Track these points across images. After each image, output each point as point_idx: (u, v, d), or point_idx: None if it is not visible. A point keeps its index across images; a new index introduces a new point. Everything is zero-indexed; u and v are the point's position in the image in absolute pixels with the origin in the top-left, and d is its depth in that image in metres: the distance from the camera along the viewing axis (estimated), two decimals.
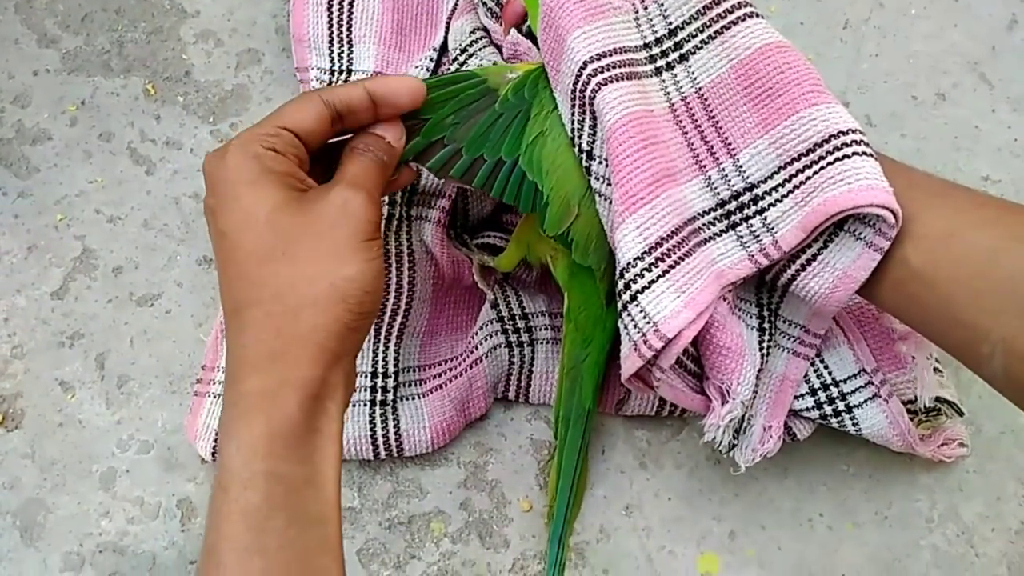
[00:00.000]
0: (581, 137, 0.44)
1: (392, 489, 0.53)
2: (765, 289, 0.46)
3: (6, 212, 0.57)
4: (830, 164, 0.39)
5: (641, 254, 0.41)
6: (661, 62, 0.44)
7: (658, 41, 0.44)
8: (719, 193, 0.43)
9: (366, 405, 0.51)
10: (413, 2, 0.58)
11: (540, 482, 0.53)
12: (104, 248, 0.56)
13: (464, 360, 0.53)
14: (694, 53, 0.43)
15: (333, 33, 0.58)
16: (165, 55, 0.60)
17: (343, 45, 0.58)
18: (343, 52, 0.58)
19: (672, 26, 0.44)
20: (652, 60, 0.44)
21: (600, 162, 0.43)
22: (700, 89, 0.43)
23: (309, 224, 0.36)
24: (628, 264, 0.41)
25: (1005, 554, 0.52)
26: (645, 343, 0.41)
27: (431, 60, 0.56)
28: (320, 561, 0.34)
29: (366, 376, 0.51)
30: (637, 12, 0.45)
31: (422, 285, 0.53)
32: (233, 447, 0.34)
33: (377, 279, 0.37)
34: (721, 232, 0.43)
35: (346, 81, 0.57)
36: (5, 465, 0.53)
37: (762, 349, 0.46)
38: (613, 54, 0.43)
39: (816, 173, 0.40)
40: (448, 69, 0.55)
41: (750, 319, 0.46)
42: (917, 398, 0.49)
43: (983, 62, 0.59)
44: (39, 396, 0.54)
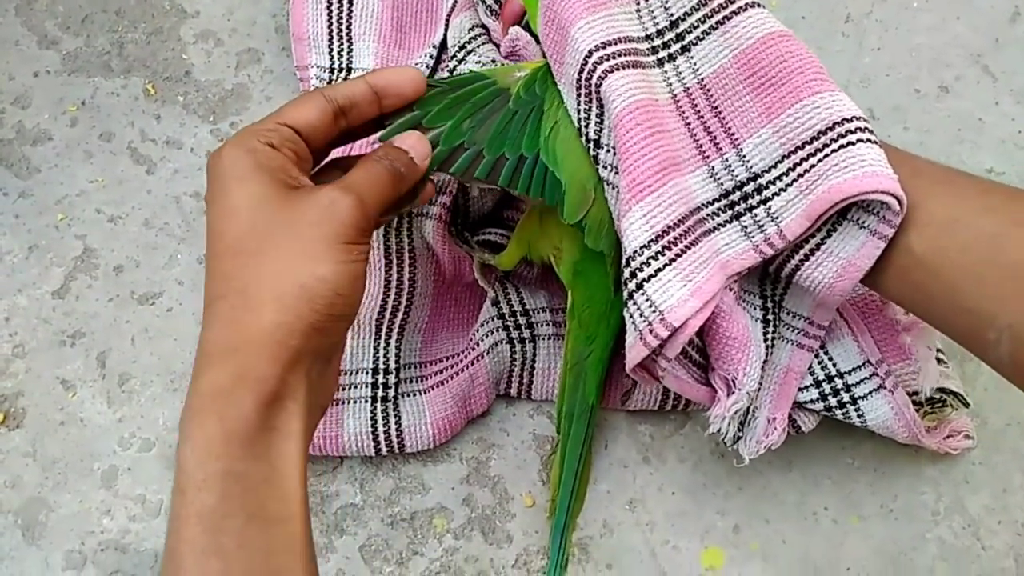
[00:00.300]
0: (588, 126, 0.44)
1: (394, 485, 0.53)
2: (769, 281, 0.46)
3: (7, 212, 0.57)
4: (834, 152, 0.39)
5: (647, 242, 0.41)
6: (663, 53, 0.44)
7: (660, 32, 0.44)
8: (723, 183, 0.42)
9: (367, 402, 0.51)
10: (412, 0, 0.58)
11: (543, 478, 0.53)
12: (105, 247, 0.56)
13: (465, 357, 0.53)
14: (696, 44, 0.43)
15: (333, 31, 0.58)
16: (165, 55, 0.60)
17: (343, 43, 0.58)
18: (343, 50, 0.58)
19: (673, 17, 0.44)
20: (654, 51, 0.44)
21: (608, 150, 0.43)
22: (702, 80, 0.43)
23: (289, 220, 0.35)
24: (634, 252, 0.41)
25: (1012, 547, 0.51)
26: (651, 332, 0.41)
27: (431, 57, 0.56)
28: (283, 559, 0.33)
29: (367, 373, 0.51)
30: (639, 4, 0.45)
31: (423, 282, 0.52)
32: (188, 448, 0.33)
33: (352, 283, 0.36)
34: (725, 222, 0.42)
35: (346, 79, 0.57)
36: (7, 464, 0.53)
37: (766, 341, 0.46)
38: (617, 43, 0.43)
39: (820, 161, 0.39)
40: (447, 66, 0.55)
41: (754, 311, 0.46)
42: (932, 386, 0.48)
43: (986, 54, 0.59)
44: (40, 395, 0.54)
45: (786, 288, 0.46)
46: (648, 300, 0.41)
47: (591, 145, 0.44)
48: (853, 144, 0.39)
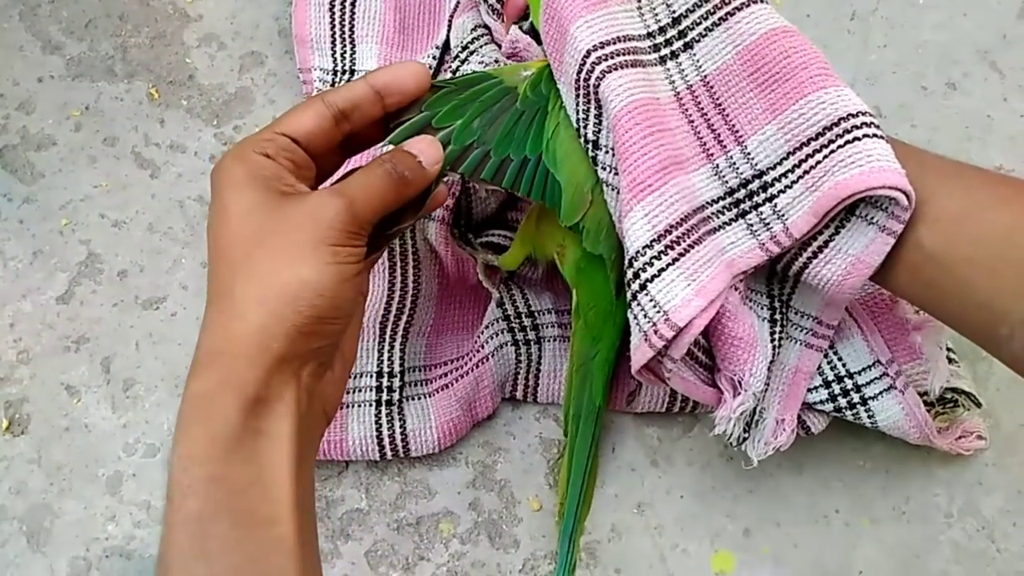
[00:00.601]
0: (587, 127, 0.43)
1: (400, 490, 0.52)
2: (776, 280, 0.46)
3: (11, 218, 0.57)
4: (840, 147, 0.39)
5: (650, 242, 0.40)
6: (665, 51, 0.44)
7: (662, 30, 0.44)
8: (727, 181, 0.42)
9: (371, 405, 0.51)
10: (415, 1, 0.58)
11: (550, 481, 0.53)
12: (109, 252, 0.56)
13: (470, 359, 0.52)
14: (698, 41, 0.43)
15: (336, 33, 0.57)
16: (168, 59, 0.59)
17: (345, 45, 0.57)
18: (346, 52, 0.57)
19: (676, 14, 0.44)
20: (656, 49, 0.44)
21: (606, 151, 0.43)
22: (706, 77, 0.43)
23: (277, 225, 0.35)
24: (637, 252, 0.41)
25: None
26: (656, 333, 0.40)
27: (433, 58, 0.56)
28: (274, 562, 0.33)
29: (371, 376, 0.51)
30: (640, 1, 0.45)
31: (427, 284, 0.52)
32: (175, 455, 0.33)
33: (338, 284, 0.35)
34: (731, 221, 0.42)
35: (349, 81, 0.57)
36: (11, 470, 0.52)
37: (774, 341, 0.45)
38: (616, 42, 0.43)
39: (826, 157, 0.39)
40: (450, 67, 0.55)
41: (761, 311, 0.45)
42: (941, 385, 0.48)
43: (993, 51, 0.58)
44: (45, 401, 0.54)
45: (794, 287, 0.45)
46: (652, 300, 0.40)
47: (590, 146, 0.43)
48: (859, 139, 0.38)
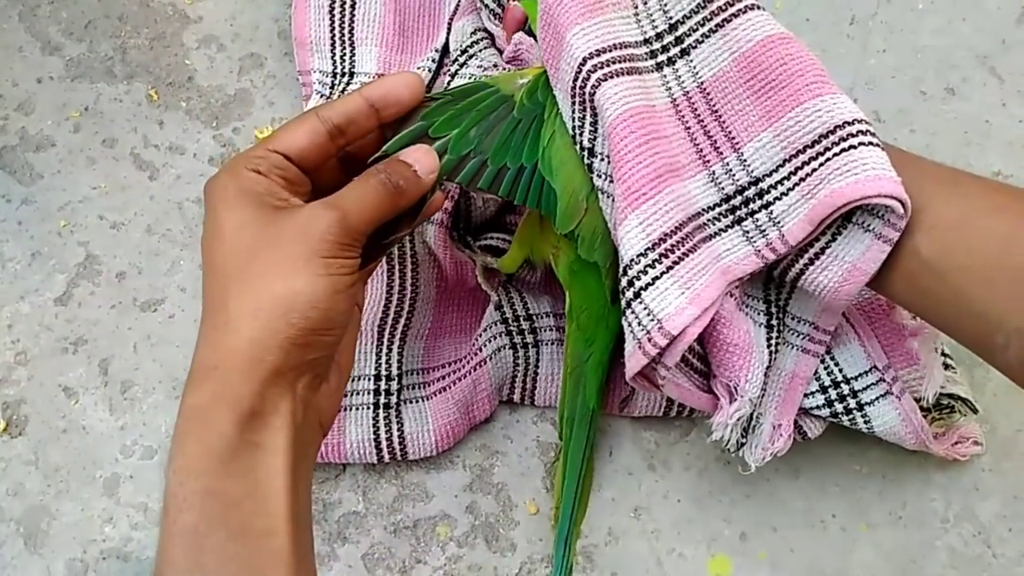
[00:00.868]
0: (582, 134, 0.43)
1: (397, 493, 0.52)
2: (773, 285, 0.46)
3: (10, 219, 0.57)
4: (836, 155, 0.39)
5: (644, 250, 0.40)
6: (662, 57, 0.44)
7: (659, 36, 0.44)
8: (723, 188, 0.42)
9: (369, 408, 0.51)
10: (415, 4, 0.58)
11: (547, 485, 0.53)
12: (107, 254, 0.56)
13: (468, 363, 0.52)
14: (695, 47, 0.43)
15: (335, 36, 0.57)
16: (168, 61, 0.60)
17: (345, 48, 0.57)
18: (345, 55, 0.57)
19: (672, 20, 0.44)
20: (653, 55, 0.44)
21: (602, 159, 0.43)
22: (702, 83, 0.43)
23: (270, 239, 0.35)
24: (631, 261, 0.41)
25: (1023, 554, 0.50)
26: (649, 341, 0.40)
27: (433, 61, 0.56)
28: (270, 574, 0.33)
29: (369, 379, 0.51)
30: (637, 7, 0.45)
31: (425, 287, 0.52)
32: (171, 468, 0.33)
33: (331, 296, 0.35)
34: (726, 227, 0.42)
35: (348, 83, 0.57)
36: (9, 472, 0.53)
37: (770, 346, 0.45)
38: (612, 49, 0.43)
39: (822, 165, 0.39)
40: (449, 70, 0.55)
41: (758, 316, 0.45)
42: (935, 392, 0.48)
43: (992, 56, 0.58)
44: (43, 402, 0.54)
45: (791, 293, 0.45)
46: (646, 308, 0.40)
47: (585, 153, 0.43)
48: (855, 147, 0.38)
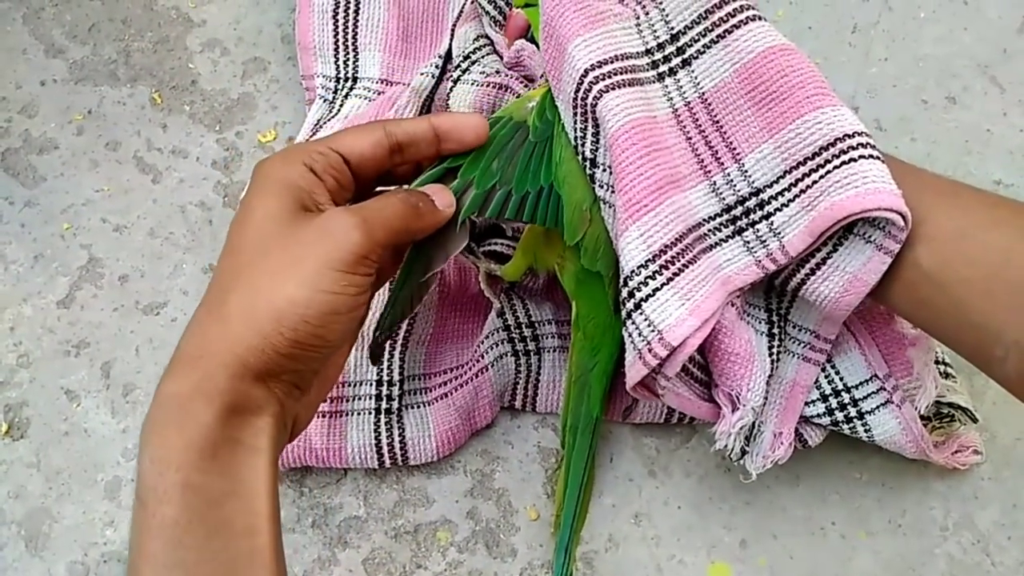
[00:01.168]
0: (584, 145, 0.43)
1: (398, 498, 0.52)
2: (774, 294, 0.46)
3: (13, 221, 0.57)
4: (836, 168, 0.39)
5: (645, 262, 0.41)
6: (664, 67, 0.44)
7: (660, 47, 0.44)
8: (724, 199, 0.42)
9: (371, 413, 0.51)
10: (418, 9, 0.58)
11: (547, 491, 0.53)
12: (110, 257, 0.56)
13: (470, 369, 0.53)
14: (697, 58, 0.43)
15: (339, 41, 0.58)
16: (171, 64, 0.60)
17: (348, 52, 0.58)
18: (348, 59, 0.58)
19: (674, 31, 0.44)
20: (654, 66, 0.44)
21: (604, 170, 0.43)
22: (703, 94, 0.43)
23: (288, 239, 0.35)
24: (632, 272, 0.41)
25: (1022, 563, 0.51)
26: (650, 351, 0.40)
27: (436, 67, 0.56)
28: (250, 573, 0.33)
29: (371, 384, 0.51)
30: (639, 18, 0.45)
31: (428, 293, 0.52)
32: (147, 457, 0.32)
33: (324, 316, 0.34)
34: (727, 238, 0.42)
35: (352, 88, 0.57)
36: (10, 474, 0.53)
37: (772, 355, 0.45)
38: (614, 61, 0.43)
39: (823, 177, 0.39)
40: (452, 76, 0.55)
41: (759, 325, 0.45)
42: (928, 403, 0.48)
43: (993, 65, 0.59)
44: (45, 405, 0.54)
45: (792, 301, 0.46)
46: (646, 320, 0.40)
47: (587, 164, 0.43)
48: (855, 160, 0.38)
